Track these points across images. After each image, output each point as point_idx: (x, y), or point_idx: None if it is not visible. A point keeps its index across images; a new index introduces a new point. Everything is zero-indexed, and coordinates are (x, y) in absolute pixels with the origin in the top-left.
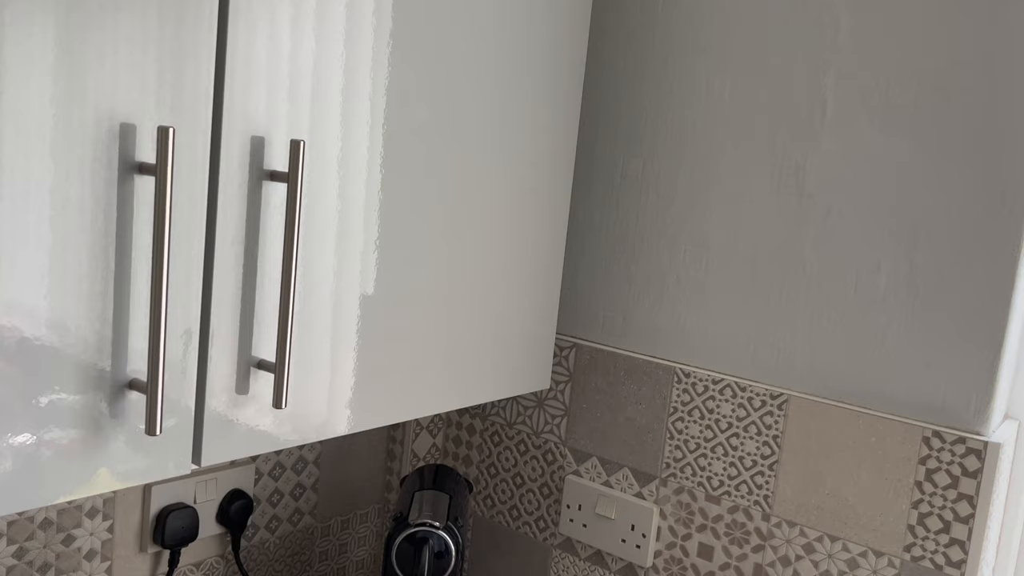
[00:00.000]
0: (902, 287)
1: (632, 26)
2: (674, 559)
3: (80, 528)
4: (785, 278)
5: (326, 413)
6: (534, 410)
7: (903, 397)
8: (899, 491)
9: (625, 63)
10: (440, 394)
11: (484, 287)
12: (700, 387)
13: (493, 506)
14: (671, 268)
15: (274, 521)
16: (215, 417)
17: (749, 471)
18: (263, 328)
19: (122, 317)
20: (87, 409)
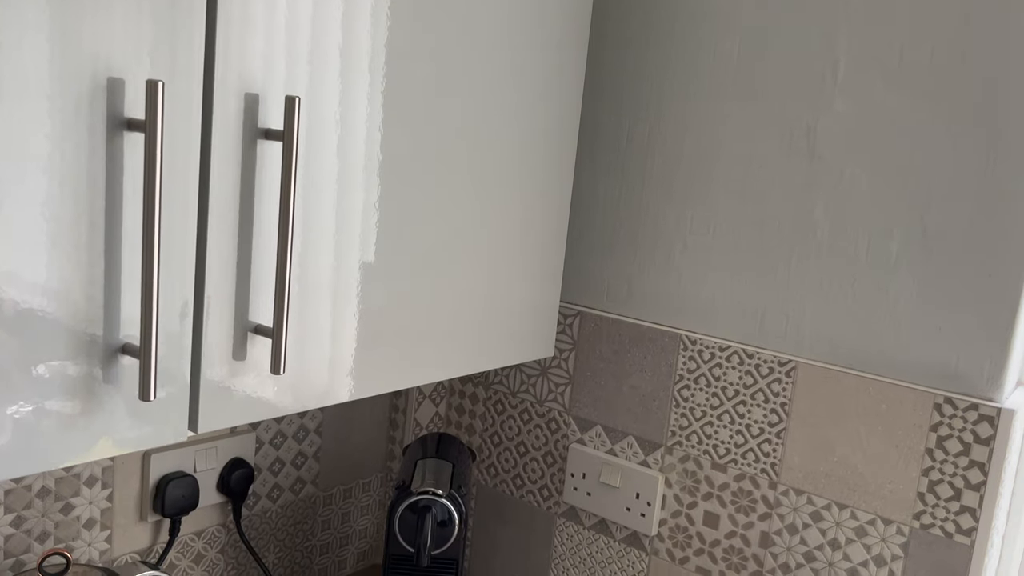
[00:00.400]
0: (915, 251)
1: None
2: (679, 527)
3: (79, 497)
4: (794, 243)
5: (326, 380)
6: (538, 378)
7: (915, 363)
8: (909, 458)
9: (631, 26)
10: (442, 361)
11: (487, 253)
12: (706, 354)
13: (496, 475)
14: (677, 234)
15: (276, 490)
16: (212, 383)
17: (756, 439)
18: (260, 292)
19: (113, 280)
20: (80, 375)
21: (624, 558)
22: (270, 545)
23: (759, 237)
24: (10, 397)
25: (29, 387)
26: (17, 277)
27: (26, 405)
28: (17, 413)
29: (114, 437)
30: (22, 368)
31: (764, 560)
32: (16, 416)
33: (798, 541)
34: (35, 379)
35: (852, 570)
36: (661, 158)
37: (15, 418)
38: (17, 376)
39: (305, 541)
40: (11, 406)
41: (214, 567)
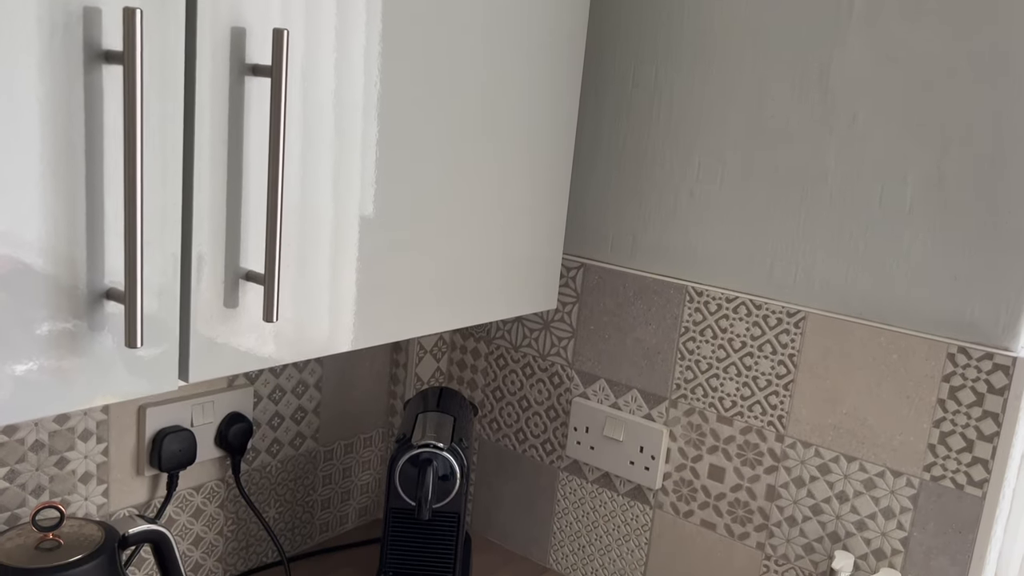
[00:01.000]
0: (930, 197)
1: None
2: (684, 481)
3: (73, 451)
4: (805, 190)
5: (323, 330)
6: (540, 332)
7: (928, 313)
8: (920, 409)
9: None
10: (443, 312)
11: (487, 202)
12: (713, 306)
13: (499, 429)
14: (684, 183)
15: (275, 445)
16: (202, 331)
17: (763, 391)
18: (251, 237)
19: (96, 222)
20: (64, 322)
21: (628, 512)
22: (270, 500)
23: (768, 184)
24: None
25: (11, 335)
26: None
27: (8, 353)
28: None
29: (102, 386)
30: (2, 316)
31: (770, 513)
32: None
33: (805, 494)
34: (17, 327)
35: (860, 523)
36: (668, 103)
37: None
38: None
39: (306, 496)
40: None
41: (214, 522)
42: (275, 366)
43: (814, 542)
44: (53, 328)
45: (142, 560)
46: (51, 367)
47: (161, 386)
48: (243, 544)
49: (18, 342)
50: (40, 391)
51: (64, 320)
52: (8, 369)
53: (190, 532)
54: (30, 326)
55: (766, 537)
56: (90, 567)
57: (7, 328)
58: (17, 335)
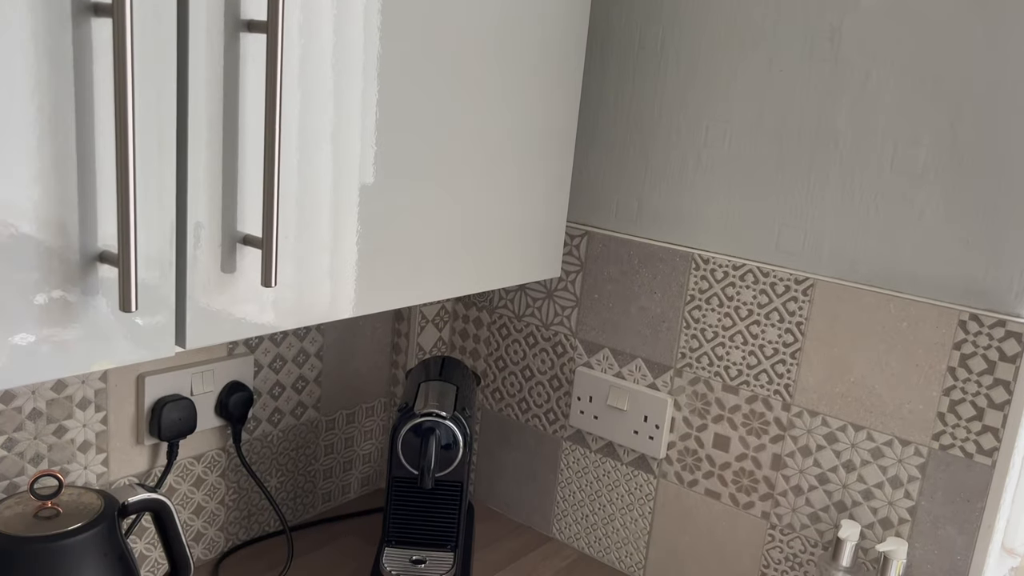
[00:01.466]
0: (943, 160)
1: None
2: (688, 450)
3: (72, 419)
4: (815, 154)
5: (323, 296)
6: (543, 302)
7: (939, 279)
8: (930, 378)
9: None
10: (445, 280)
11: (490, 167)
12: (719, 273)
13: (501, 399)
14: (691, 147)
15: (276, 414)
16: (199, 296)
17: (770, 360)
18: (248, 200)
19: (87, 184)
20: (57, 286)
21: (631, 481)
22: (272, 470)
23: (778, 148)
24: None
25: (2, 300)
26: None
27: (1, 319)
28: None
29: (98, 352)
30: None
31: (776, 483)
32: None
33: (811, 463)
34: (8, 292)
35: (867, 492)
36: (675, 64)
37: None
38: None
39: (308, 466)
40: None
41: (215, 491)
42: (275, 335)
43: (820, 511)
44: (46, 293)
45: (143, 529)
46: (45, 332)
47: (158, 352)
48: (245, 513)
49: (9, 307)
50: (33, 357)
51: (57, 284)
52: (1, 334)
53: (191, 501)
54: (21, 290)
55: (771, 506)
56: (89, 535)
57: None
58: (8, 300)
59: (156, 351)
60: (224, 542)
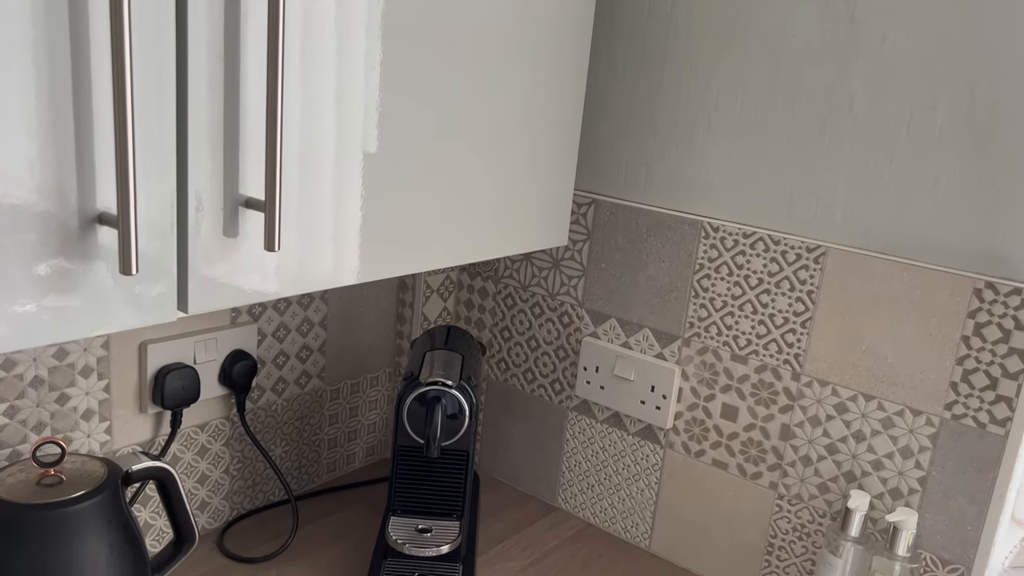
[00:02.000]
0: (961, 125)
1: None
2: (696, 420)
3: (74, 387)
4: (828, 119)
5: (327, 262)
6: (550, 271)
7: (955, 247)
8: (943, 347)
9: None
10: (451, 247)
11: (497, 132)
12: (729, 242)
13: (507, 369)
14: (702, 112)
15: (280, 383)
16: (201, 260)
17: (779, 329)
18: (250, 162)
19: (85, 142)
20: (56, 249)
21: (638, 451)
22: (276, 439)
23: (790, 113)
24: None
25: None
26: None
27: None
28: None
29: (99, 317)
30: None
31: (784, 453)
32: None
33: (820, 433)
34: (7, 256)
35: (876, 462)
36: (685, 27)
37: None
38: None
39: (312, 435)
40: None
41: (219, 460)
42: (279, 304)
43: (829, 481)
44: (45, 256)
45: (148, 498)
46: (44, 297)
47: (160, 317)
48: (249, 483)
49: (8, 272)
50: (33, 322)
51: (56, 248)
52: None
53: (195, 470)
54: (20, 255)
55: (779, 476)
56: (93, 503)
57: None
58: (7, 264)
59: (158, 316)
60: (229, 511)
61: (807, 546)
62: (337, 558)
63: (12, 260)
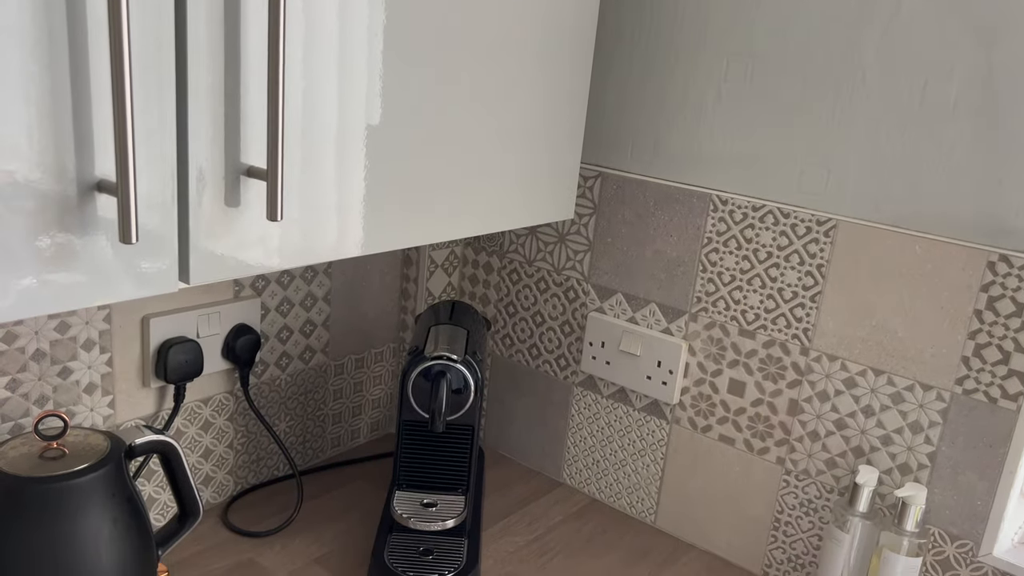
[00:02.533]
0: (977, 94)
1: None
2: (702, 395)
3: (76, 361)
4: (841, 88)
5: (331, 233)
6: (555, 246)
7: (968, 219)
8: (955, 321)
9: None
10: (456, 219)
11: (503, 105)
12: (738, 215)
13: (512, 345)
14: (711, 82)
15: (284, 358)
16: (202, 231)
17: (788, 303)
18: (251, 128)
19: (83, 107)
20: (54, 218)
21: (644, 427)
22: (280, 414)
23: (802, 83)
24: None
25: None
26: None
27: None
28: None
29: (99, 288)
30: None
31: (792, 428)
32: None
33: (829, 408)
34: (6, 225)
35: (885, 437)
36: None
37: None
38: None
39: (317, 410)
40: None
41: (223, 435)
42: (282, 278)
43: (837, 457)
44: (43, 226)
45: (152, 472)
46: (44, 267)
47: (161, 287)
48: (254, 457)
49: (7, 243)
50: (33, 292)
51: (54, 217)
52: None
53: (199, 445)
54: (18, 224)
55: (787, 452)
56: (96, 476)
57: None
58: (6, 235)
59: (159, 287)
60: (233, 486)
61: (814, 521)
62: (342, 532)
63: (10, 230)
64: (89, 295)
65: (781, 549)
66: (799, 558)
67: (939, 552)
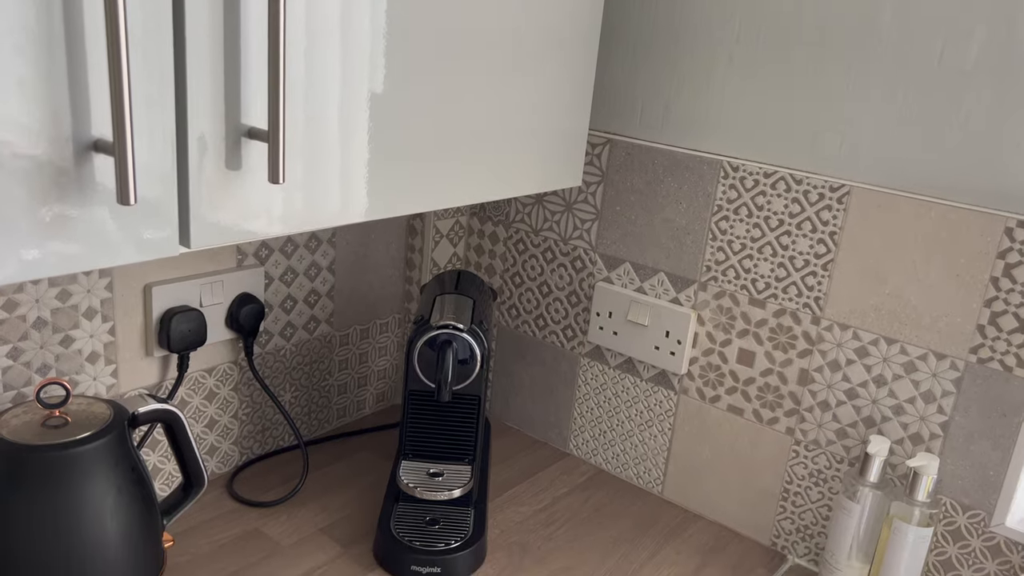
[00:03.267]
0: (996, 56)
1: None
2: (711, 366)
3: (78, 329)
4: (856, 51)
5: (334, 198)
6: (562, 215)
7: (985, 185)
8: (971, 288)
9: None
10: (462, 185)
11: (510, 68)
12: (749, 182)
13: (518, 316)
14: (722, 45)
15: (288, 328)
16: (203, 192)
17: (800, 272)
18: (251, 88)
19: (78, 61)
20: (51, 180)
21: (651, 397)
22: (285, 384)
23: (816, 45)
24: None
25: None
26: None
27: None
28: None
29: (98, 251)
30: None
31: (801, 398)
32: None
33: (840, 378)
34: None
35: (897, 407)
36: None
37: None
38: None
39: (322, 381)
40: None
41: (228, 405)
42: (286, 247)
43: (847, 427)
44: (40, 189)
45: (156, 442)
46: (41, 232)
47: (162, 251)
48: (259, 428)
49: (2, 207)
50: (29, 256)
51: (50, 179)
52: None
53: (204, 414)
54: (12, 187)
55: (796, 422)
56: (99, 444)
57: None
58: (2, 198)
59: (159, 250)
60: (239, 456)
61: (823, 492)
62: (348, 502)
63: (7, 195)
64: (87, 260)
65: (790, 520)
66: (808, 528)
67: (950, 522)
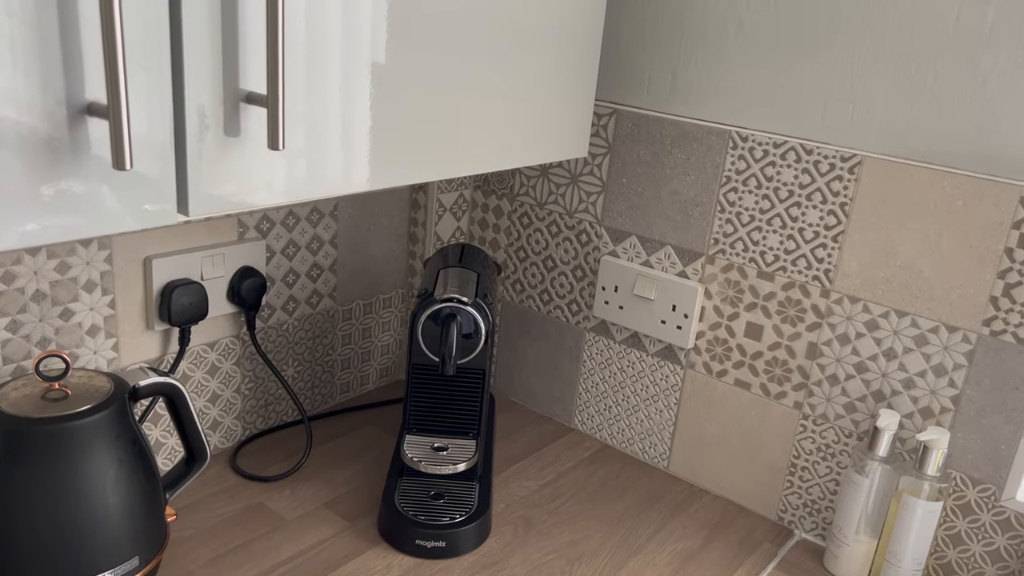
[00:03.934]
0: (1014, 18)
1: None
2: (718, 340)
3: (78, 303)
4: (869, 15)
5: (335, 166)
6: (567, 188)
7: (1001, 153)
8: (985, 259)
9: None
10: (465, 155)
11: (514, 36)
12: (759, 152)
13: (522, 290)
14: (732, 11)
15: (291, 302)
16: (200, 158)
17: (809, 244)
18: (250, 51)
19: (70, 22)
20: (42, 145)
21: (657, 372)
22: (288, 359)
23: (829, 11)
24: None
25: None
26: None
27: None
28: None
29: (93, 219)
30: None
31: (810, 372)
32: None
33: (849, 351)
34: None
35: (907, 381)
36: None
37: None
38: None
39: (325, 356)
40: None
41: (230, 379)
42: (287, 220)
43: (856, 401)
44: (32, 154)
45: (158, 417)
46: (34, 199)
47: (159, 219)
48: (262, 403)
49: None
50: (23, 225)
51: (42, 144)
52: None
53: (206, 389)
54: (8, 156)
55: (805, 396)
56: (100, 417)
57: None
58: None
59: (157, 218)
60: (242, 431)
61: (831, 466)
62: (352, 476)
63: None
64: (82, 228)
65: (797, 494)
66: (815, 503)
67: (960, 496)
